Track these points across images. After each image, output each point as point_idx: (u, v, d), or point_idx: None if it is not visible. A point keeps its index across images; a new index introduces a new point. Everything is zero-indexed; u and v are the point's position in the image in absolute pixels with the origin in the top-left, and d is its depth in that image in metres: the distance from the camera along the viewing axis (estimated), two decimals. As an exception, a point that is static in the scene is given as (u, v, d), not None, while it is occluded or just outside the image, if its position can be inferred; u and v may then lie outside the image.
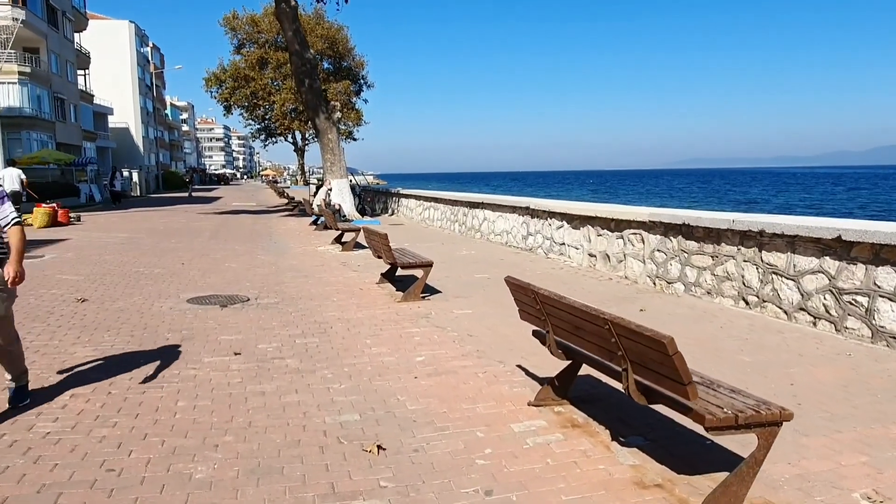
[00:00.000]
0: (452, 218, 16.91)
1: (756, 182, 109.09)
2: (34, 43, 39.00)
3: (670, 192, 77.32)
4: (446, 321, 6.76)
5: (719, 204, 50.92)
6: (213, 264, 11.09)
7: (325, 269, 10.65)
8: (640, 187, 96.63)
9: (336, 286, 8.94)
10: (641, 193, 74.95)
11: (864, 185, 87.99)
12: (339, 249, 13.02)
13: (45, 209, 17.78)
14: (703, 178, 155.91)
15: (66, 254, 12.09)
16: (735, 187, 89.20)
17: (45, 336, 6.03)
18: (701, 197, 64.83)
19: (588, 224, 10.22)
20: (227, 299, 7.89)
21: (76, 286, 8.65)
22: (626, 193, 76.01)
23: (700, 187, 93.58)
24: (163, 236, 15.87)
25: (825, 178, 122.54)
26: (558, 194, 67.15)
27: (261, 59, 53.41)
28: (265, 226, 19.57)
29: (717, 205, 49.09)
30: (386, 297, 8.13)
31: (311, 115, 19.58)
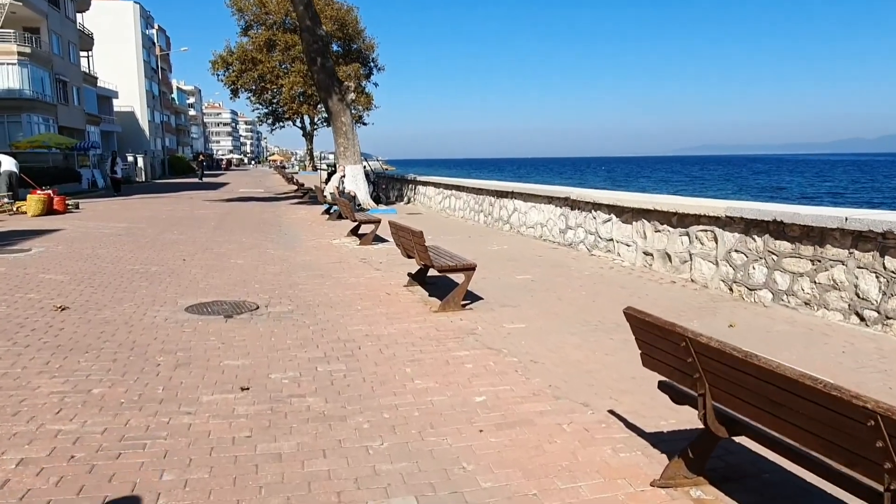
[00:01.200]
0: (477, 208, 15.65)
1: (775, 169, 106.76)
2: (34, 22, 37.75)
3: (689, 180, 75.49)
4: (498, 339, 5.55)
5: (742, 192, 49.33)
6: (218, 260, 9.90)
7: (344, 266, 9.44)
8: (655, 174, 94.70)
9: (358, 289, 7.74)
10: (659, 180, 73.22)
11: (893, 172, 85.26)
12: (357, 243, 11.81)
13: (39, 196, 16.63)
14: (717, 164, 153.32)
15: (56, 247, 10.92)
16: (754, 174, 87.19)
17: (7, 360, 4.85)
18: (723, 184, 63.08)
19: (642, 218, 8.96)
20: (233, 307, 6.69)
21: (59, 289, 7.47)
22: (643, 180, 74.32)
23: (718, 174, 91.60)
24: (164, 226, 14.70)
25: (843, 166, 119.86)
26: (573, 181, 65.62)
27: (268, 42, 52.02)
28: (274, 214, 18.38)
29: (743, 193, 47.52)
30: (419, 304, 6.92)
31: (324, 96, 18.29)
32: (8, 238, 12.12)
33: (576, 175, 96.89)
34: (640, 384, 4.39)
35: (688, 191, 51.31)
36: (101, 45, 52.49)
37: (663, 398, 4.15)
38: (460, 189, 17.01)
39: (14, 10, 35.49)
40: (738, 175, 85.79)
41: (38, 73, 37.02)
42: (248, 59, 52.02)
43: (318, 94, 18.65)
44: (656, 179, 76.56)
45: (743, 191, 51.21)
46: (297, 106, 55.88)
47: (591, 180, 73.53)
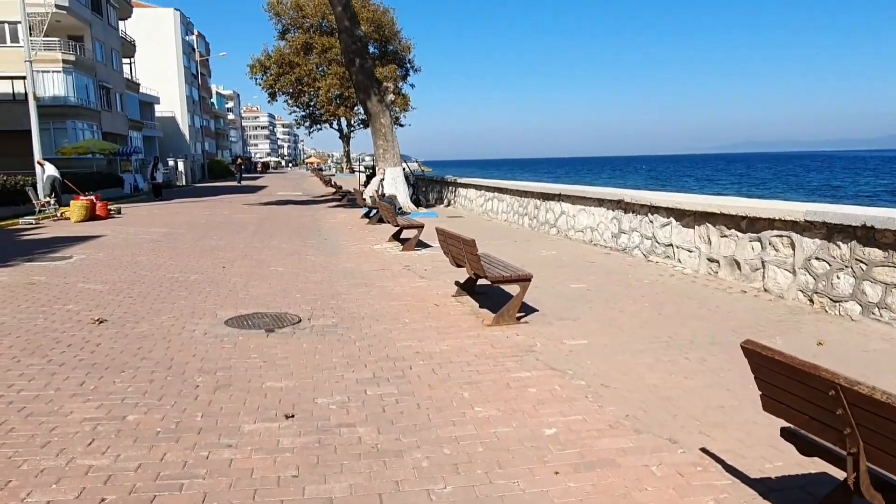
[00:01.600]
0: (521, 211, 15.14)
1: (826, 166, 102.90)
2: (78, 31, 38.57)
3: (735, 178, 73.27)
4: (561, 358, 5.07)
5: (794, 191, 47.57)
6: (258, 268, 9.63)
7: (387, 274, 9.06)
8: (698, 172, 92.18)
9: (404, 300, 7.34)
10: (704, 179, 71.25)
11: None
12: (399, 248, 11.43)
13: (82, 202, 16.74)
14: (763, 162, 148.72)
15: (97, 254, 10.82)
16: (806, 172, 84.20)
17: (41, 381, 4.58)
18: (773, 183, 61.04)
19: (706, 222, 8.35)
20: (275, 320, 6.35)
21: (97, 299, 7.26)
22: (687, 179, 72.46)
23: (766, 172, 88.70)
24: (204, 232, 14.58)
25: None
26: (613, 182, 64.38)
27: (305, 45, 52.32)
28: (313, 219, 18.17)
29: (792, 192, 45.84)
30: (469, 317, 6.48)
31: (363, 97, 18.01)
32: (51, 245, 12.11)
33: (615, 175, 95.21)
34: (730, 415, 3.87)
35: (734, 190, 49.79)
36: (143, 52, 53.55)
37: (761, 433, 3.64)
38: (503, 191, 16.53)
39: (59, 19, 36.28)
40: (788, 173, 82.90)
41: (82, 81, 37.77)
42: (285, 63, 52.41)
43: (357, 95, 18.38)
44: (700, 178, 74.57)
45: (794, 190, 49.39)
46: (334, 108, 56.11)
47: (633, 180, 72.05)
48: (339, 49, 51.39)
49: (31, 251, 11.25)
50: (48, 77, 36.07)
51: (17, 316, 6.47)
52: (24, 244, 12.54)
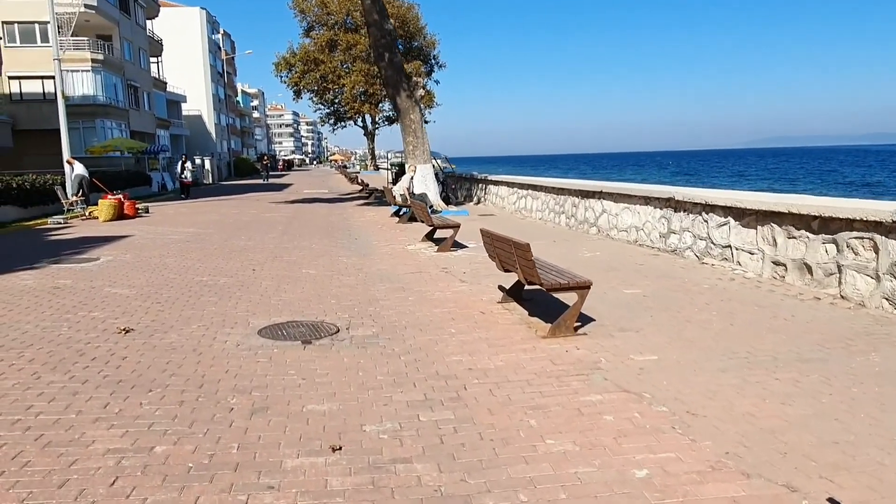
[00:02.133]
0: (557, 209, 14.56)
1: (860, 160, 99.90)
2: (106, 30, 38.77)
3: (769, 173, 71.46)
4: (632, 378, 4.52)
5: (832, 188, 46.10)
6: (289, 270, 9.22)
7: (425, 277, 8.57)
8: (728, 168, 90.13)
9: (447, 306, 6.84)
10: (736, 175, 69.61)
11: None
12: (434, 249, 10.94)
13: (110, 202, 16.55)
14: (794, 157, 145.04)
15: (124, 255, 10.51)
16: (840, 167, 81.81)
17: (62, 401, 4.17)
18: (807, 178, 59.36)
19: (770, 222, 7.72)
20: (311, 330, 5.90)
21: (124, 306, 6.88)
22: (718, 176, 70.90)
23: (800, 167, 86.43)
24: (232, 231, 14.25)
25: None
26: (639, 177, 63.23)
27: (330, 42, 52.08)
28: (341, 217, 17.78)
29: (833, 189, 44.41)
30: (521, 327, 5.96)
31: (392, 92, 17.55)
32: (78, 246, 11.85)
33: (640, 171, 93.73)
34: (850, 454, 3.31)
35: (765, 185, 48.45)
36: (170, 51, 53.81)
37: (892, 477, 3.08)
38: (537, 189, 15.95)
39: (87, 19, 36.48)
40: (823, 169, 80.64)
41: (110, 80, 37.95)
42: (310, 60, 52.19)
43: (386, 90, 17.93)
44: (731, 174, 72.91)
45: (830, 186, 47.88)
46: (358, 105, 55.86)
47: (659, 175, 70.71)
48: (363, 46, 51.31)
49: (59, 252, 10.99)
50: (77, 76, 36.31)
51: (40, 324, 6.11)
52: (51, 244, 12.31)
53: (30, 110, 35.64)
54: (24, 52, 35.37)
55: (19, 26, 35.70)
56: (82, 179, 19.34)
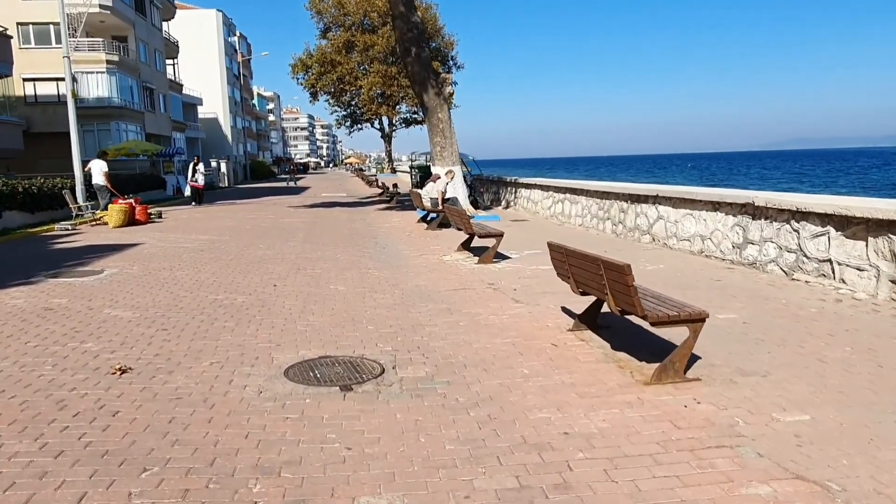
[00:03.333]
0: (601, 215, 13.34)
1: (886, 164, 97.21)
2: (122, 31, 38.11)
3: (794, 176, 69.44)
4: (794, 452, 3.32)
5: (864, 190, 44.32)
6: (314, 286, 8.10)
7: (472, 296, 7.41)
8: (750, 171, 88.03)
9: (508, 335, 5.68)
10: (759, 178, 67.72)
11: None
12: (474, 261, 9.78)
13: (120, 206, 15.58)
14: (816, 159, 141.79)
15: (131, 268, 9.45)
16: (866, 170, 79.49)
17: (22, 490, 3.05)
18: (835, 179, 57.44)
19: (888, 233, 6.47)
20: (350, 370, 4.75)
21: (124, 334, 5.79)
22: (740, 178, 69.01)
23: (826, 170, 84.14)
24: (250, 239, 13.19)
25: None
26: (658, 178, 61.62)
27: (347, 43, 51.26)
28: (364, 223, 16.68)
29: (863, 191, 42.65)
30: (608, 366, 4.78)
31: (419, 90, 16.44)
32: (82, 255, 10.84)
33: (659, 172, 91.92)
34: None
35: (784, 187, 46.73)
36: (186, 53, 53.24)
37: None
38: (577, 192, 14.74)
39: (103, 19, 35.83)
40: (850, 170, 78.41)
41: (126, 82, 37.26)
42: (327, 62, 51.42)
43: (412, 87, 16.84)
44: (753, 177, 71.00)
45: (858, 188, 46.08)
46: (375, 107, 54.96)
47: (678, 178, 68.96)
48: (381, 47, 50.42)
49: (59, 263, 9.98)
50: (92, 78, 35.67)
51: (20, 360, 5.03)
52: (53, 254, 11.32)
53: (45, 113, 35.02)
54: (39, 54, 34.75)
55: (34, 27, 35.12)
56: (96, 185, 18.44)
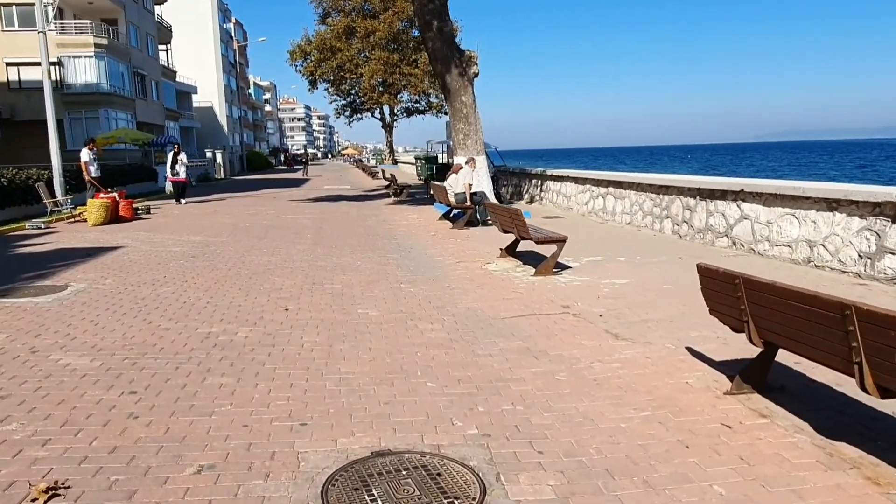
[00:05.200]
0: (657, 212, 11.48)
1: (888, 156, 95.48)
2: (111, 13, 35.98)
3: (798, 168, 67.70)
4: None
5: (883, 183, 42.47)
6: (337, 308, 6.25)
7: (550, 326, 5.56)
8: (751, 162, 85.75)
9: (639, 401, 3.85)
10: (765, 169, 65.83)
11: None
12: (530, 272, 7.92)
13: (101, 202, 13.66)
14: (816, 151, 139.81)
15: (103, 282, 7.57)
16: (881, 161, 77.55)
17: None
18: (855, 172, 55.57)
19: None
20: (429, 490, 2.90)
21: (71, 401, 3.91)
22: (744, 168, 67.17)
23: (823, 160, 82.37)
24: (250, 241, 11.30)
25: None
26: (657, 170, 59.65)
27: (347, 29, 49.24)
28: (378, 220, 14.80)
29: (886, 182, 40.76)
30: (847, 476, 2.94)
31: (440, 69, 14.52)
32: (47, 264, 8.94)
33: (656, 163, 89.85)
34: None
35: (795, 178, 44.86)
36: (179, 39, 51.00)
37: None
38: (623, 186, 12.88)
39: (91, 0, 33.73)
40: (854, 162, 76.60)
41: (115, 67, 35.16)
42: (326, 48, 49.46)
43: (433, 66, 14.92)
44: (761, 168, 69.10)
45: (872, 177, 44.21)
46: (377, 96, 52.96)
47: (678, 168, 66.95)
48: (382, 33, 48.34)
49: (16, 275, 8.09)
50: (79, 62, 33.57)
51: None
52: (12, 261, 9.42)
53: (30, 100, 32.85)
54: (24, 37, 32.50)
55: (17, 8, 32.99)
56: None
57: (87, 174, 16.35)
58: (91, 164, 16.48)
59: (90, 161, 16.46)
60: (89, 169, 16.38)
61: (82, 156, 16.56)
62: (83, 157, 16.52)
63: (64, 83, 33.12)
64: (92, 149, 16.88)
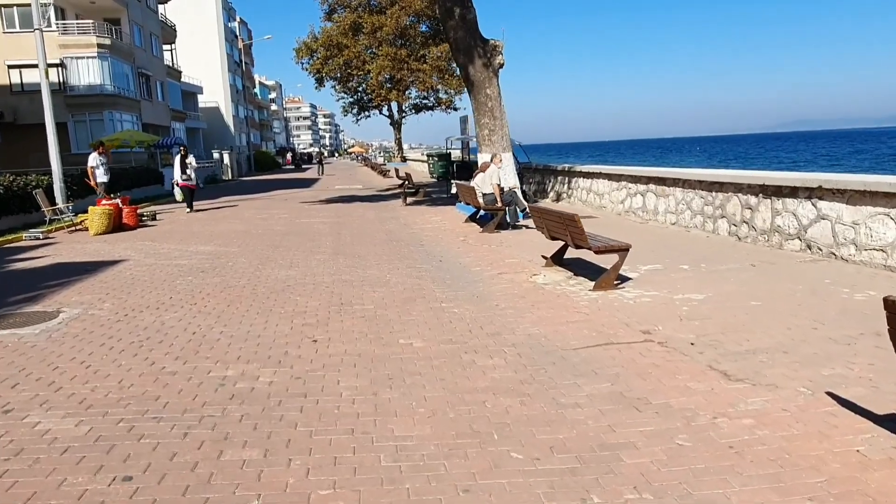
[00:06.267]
0: (710, 212, 10.43)
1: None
2: (114, 13, 35.13)
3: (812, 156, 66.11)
4: None
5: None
6: (374, 338, 5.26)
7: (636, 359, 4.55)
8: (766, 154, 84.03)
9: (792, 468, 2.83)
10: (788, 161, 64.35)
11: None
12: (587, 286, 6.90)
13: (103, 209, 12.72)
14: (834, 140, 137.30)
15: (101, 306, 6.60)
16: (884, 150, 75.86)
17: None
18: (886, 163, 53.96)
19: None
20: None
21: (42, 498, 2.94)
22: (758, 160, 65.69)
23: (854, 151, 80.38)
24: (264, 250, 10.34)
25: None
26: (668, 164, 58.36)
27: (354, 25, 48.21)
28: (399, 223, 13.82)
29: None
30: None
31: (463, 60, 13.49)
32: (39, 283, 7.99)
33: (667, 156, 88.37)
34: None
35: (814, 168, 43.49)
36: (184, 39, 50.17)
37: None
38: (667, 182, 11.82)
39: (93, 0, 32.88)
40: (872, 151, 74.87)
41: (119, 67, 34.30)
42: (333, 45, 48.45)
43: (455, 56, 13.91)
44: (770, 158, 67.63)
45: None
46: (385, 92, 51.96)
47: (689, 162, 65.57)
48: (389, 28, 47.31)
49: (5, 296, 7.15)
50: (82, 63, 32.71)
51: None
52: (3, 280, 8.47)
53: (32, 102, 31.89)
54: (25, 38, 31.52)
55: (18, 9, 32.18)
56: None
57: (93, 179, 15.43)
58: (98, 168, 15.53)
59: (96, 165, 15.52)
60: (95, 174, 15.44)
61: (89, 160, 15.65)
62: (89, 161, 15.61)
63: (67, 85, 32.31)
64: (102, 153, 15.92)
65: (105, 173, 15.79)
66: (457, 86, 50.06)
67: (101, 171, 15.61)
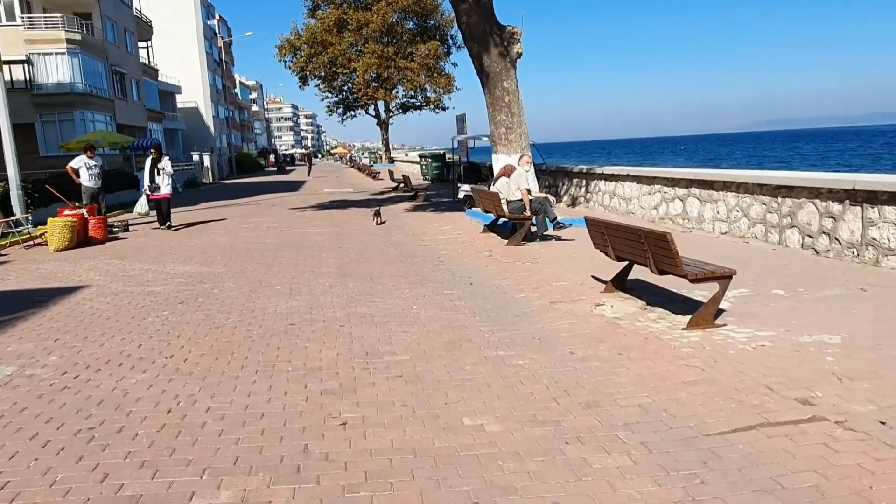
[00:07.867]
0: (775, 220, 8.99)
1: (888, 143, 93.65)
2: (85, 7, 33.11)
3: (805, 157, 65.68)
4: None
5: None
6: (425, 413, 3.71)
7: (820, 452, 3.04)
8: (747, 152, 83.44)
9: None
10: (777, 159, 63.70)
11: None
12: (680, 322, 5.40)
13: (65, 220, 10.97)
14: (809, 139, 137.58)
15: (46, 360, 4.96)
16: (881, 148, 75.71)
17: None
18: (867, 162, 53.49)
19: None
20: None
21: None
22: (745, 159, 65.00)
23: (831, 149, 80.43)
24: (256, 270, 8.71)
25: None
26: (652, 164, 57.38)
27: (339, 21, 46.52)
28: (405, 233, 12.25)
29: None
30: None
31: (477, 49, 11.95)
32: (-27, 320, 6.30)
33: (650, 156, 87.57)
34: None
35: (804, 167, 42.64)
36: (161, 36, 47.99)
37: None
38: (714, 186, 10.39)
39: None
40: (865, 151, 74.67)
41: (91, 64, 32.25)
42: (317, 42, 46.68)
43: (468, 45, 12.35)
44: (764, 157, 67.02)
45: None
46: (371, 91, 50.27)
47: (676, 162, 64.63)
48: (376, 25, 45.66)
49: (-80, 346, 5.47)
50: (50, 60, 30.59)
51: None
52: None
53: None
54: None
55: (-19, 4, 30.07)
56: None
57: (75, 178, 13.42)
58: (87, 171, 13.43)
59: (79, 167, 13.43)
60: (80, 174, 13.38)
61: (72, 161, 13.68)
62: (72, 162, 13.61)
63: (34, 83, 30.23)
64: (91, 156, 13.84)
65: (92, 178, 13.60)
66: (445, 84, 48.57)
67: (87, 175, 13.49)
